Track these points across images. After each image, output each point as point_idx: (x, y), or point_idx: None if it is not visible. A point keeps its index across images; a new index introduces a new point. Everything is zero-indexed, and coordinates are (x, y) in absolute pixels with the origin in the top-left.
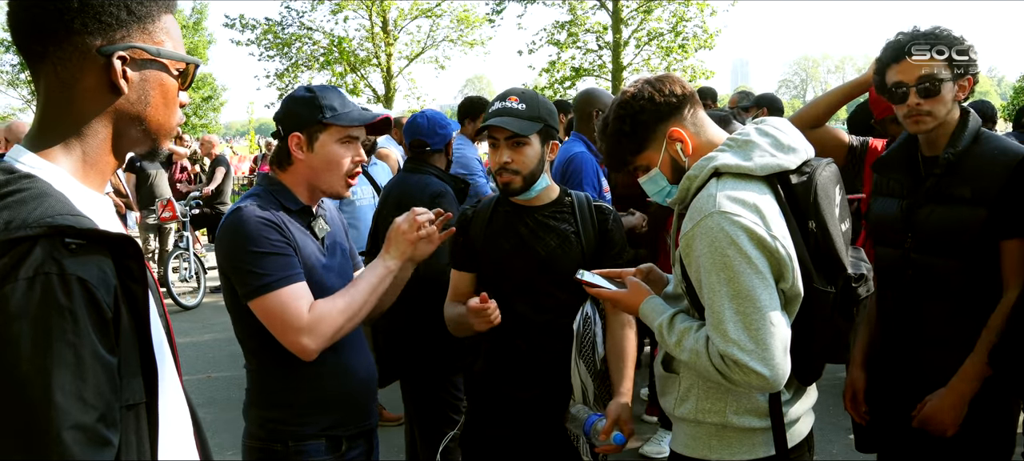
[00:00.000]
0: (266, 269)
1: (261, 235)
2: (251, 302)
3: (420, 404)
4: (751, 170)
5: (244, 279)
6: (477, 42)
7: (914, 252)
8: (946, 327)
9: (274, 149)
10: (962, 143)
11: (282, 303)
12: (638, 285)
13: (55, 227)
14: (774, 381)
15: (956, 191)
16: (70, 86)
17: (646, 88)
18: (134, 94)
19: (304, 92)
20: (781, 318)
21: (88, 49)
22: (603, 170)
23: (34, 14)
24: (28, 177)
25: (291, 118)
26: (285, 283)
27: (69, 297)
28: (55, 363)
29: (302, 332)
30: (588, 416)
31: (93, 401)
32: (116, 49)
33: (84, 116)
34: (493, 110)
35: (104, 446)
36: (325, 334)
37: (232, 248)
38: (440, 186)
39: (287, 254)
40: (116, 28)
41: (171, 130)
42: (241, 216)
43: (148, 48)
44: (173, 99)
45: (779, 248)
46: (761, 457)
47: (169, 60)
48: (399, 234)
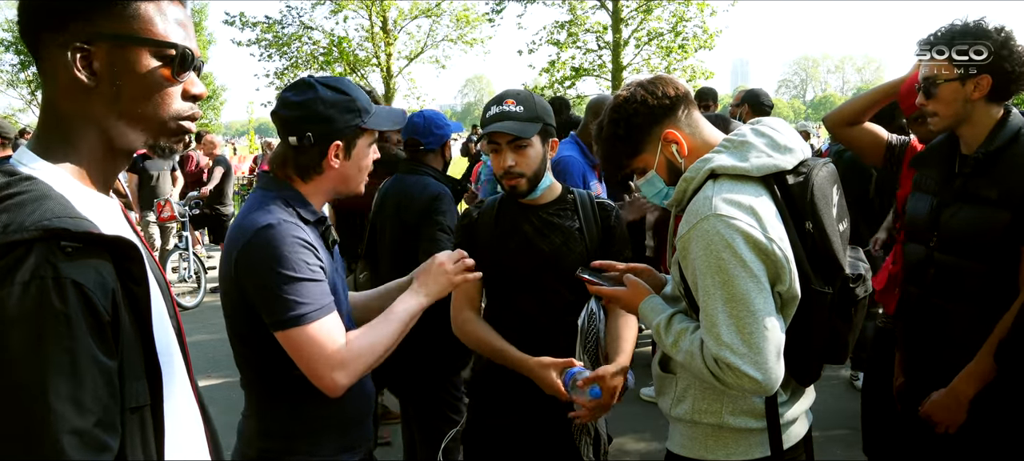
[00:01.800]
0: (302, 297)
1: (298, 258)
2: (282, 333)
3: (420, 404)
4: (747, 171)
5: (275, 306)
6: (477, 41)
7: (938, 252)
8: (968, 331)
9: (284, 154)
10: (997, 142)
11: (318, 337)
12: (638, 284)
13: (51, 230)
14: (767, 385)
15: (983, 192)
16: (52, 83)
17: (638, 91)
18: (105, 86)
19: (333, 93)
20: (775, 322)
21: (52, 44)
22: (594, 173)
23: (26, 9)
24: (28, 179)
25: (328, 123)
26: (321, 314)
27: (64, 301)
28: (51, 368)
29: (336, 368)
30: (574, 368)
31: (90, 405)
32: (72, 40)
33: (69, 114)
34: (491, 115)
35: (102, 451)
36: (357, 371)
37: (263, 269)
38: (439, 188)
39: (321, 280)
40: (75, 17)
41: (165, 121)
42: (275, 234)
43: (104, 34)
44: (157, 86)
45: (776, 250)
46: (757, 458)
47: (140, 46)
48: (440, 271)
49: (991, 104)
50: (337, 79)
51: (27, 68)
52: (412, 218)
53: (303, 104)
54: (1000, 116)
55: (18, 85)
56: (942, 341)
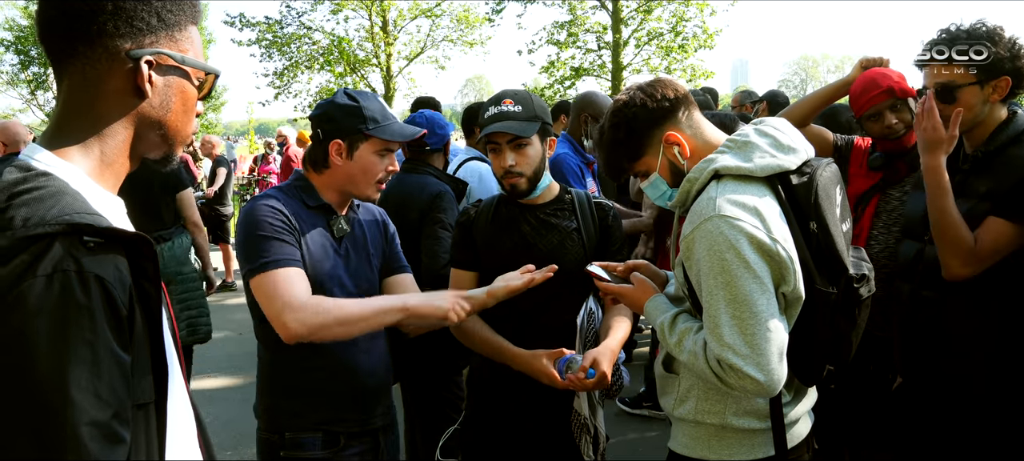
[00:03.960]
0: (265, 250)
1: (265, 220)
2: (250, 281)
3: (421, 404)
4: (751, 172)
5: (246, 260)
6: (477, 42)
7: (930, 245)
8: (961, 322)
9: (309, 148)
10: (998, 142)
11: (275, 282)
12: (644, 282)
13: (74, 225)
14: (769, 386)
15: (975, 187)
16: (95, 86)
17: (637, 94)
18: (157, 99)
19: (347, 100)
20: (778, 324)
21: (118, 51)
22: (589, 171)
23: (66, 12)
24: (45, 175)
25: (333, 124)
26: (281, 265)
27: (87, 295)
28: (72, 360)
29: (286, 309)
30: (567, 355)
31: (108, 398)
32: (145, 53)
33: (106, 117)
34: (490, 115)
35: (118, 443)
36: (309, 323)
37: (241, 233)
38: (439, 186)
39: (287, 241)
40: (146, 33)
41: (186, 137)
42: (253, 205)
43: (174, 55)
44: (192, 107)
45: (780, 251)
46: (761, 458)
47: (192, 68)
48: (446, 300)
49: (999, 104)
50: (362, 93)
51: (27, 68)
52: (413, 216)
53: (322, 106)
54: (1005, 117)
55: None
56: (936, 334)
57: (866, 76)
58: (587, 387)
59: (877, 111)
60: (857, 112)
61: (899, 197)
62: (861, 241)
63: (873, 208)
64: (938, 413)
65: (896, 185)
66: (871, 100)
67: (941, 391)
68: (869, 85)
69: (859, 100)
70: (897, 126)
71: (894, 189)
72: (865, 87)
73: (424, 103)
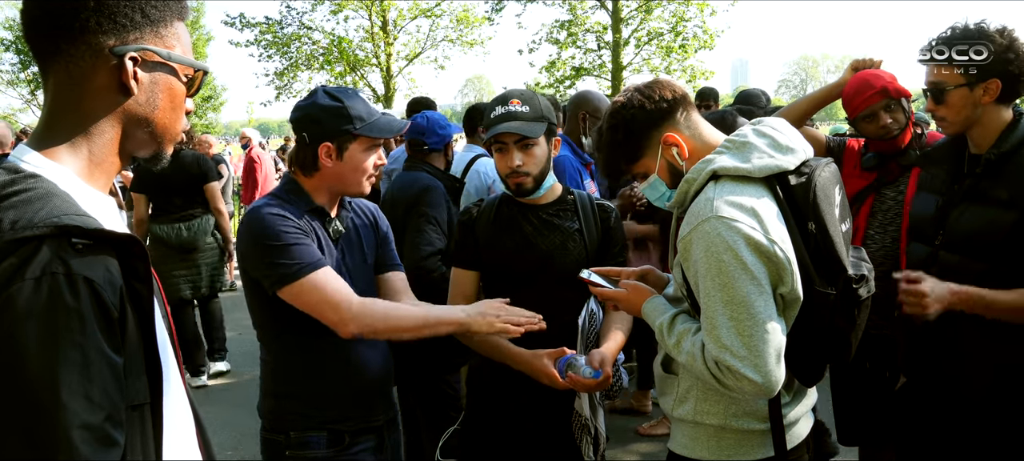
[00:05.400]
0: (293, 257)
1: (279, 227)
2: (284, 289)
3: (421, 403)
4: (749, 172)
5: (271, 270)
6: (477, 42)
7: (943, 250)
8: (971, 329)
9: (293, 152)
10: (1009, 144)
11: (320, 283)
12: (638, 286)
13: (62, 227)
14: (767, 388)
15: (992, 193)
16: (80, 84)
17: (635, 96)
18: (143, 96)
19: (329, 100)
20: (776, 325)
21: (101, 48)
22: (586, 172)
23: (49, 10)
24: (33, 176)
25: (319, 126)
26: (317, 267)
27: (76, 297)
28: (62, 363)
29: (343, 305)
30: (568, 355)
31: (100, 401)
32: (129, 50)
33: (92, 115)
34: (497, 115)
35: (111, 446)
36: (366, 323)
37: (253, 245)
38: (428, 181)
39: (308, 244)
40: (130, 29)
41: (176, 135)
42: (256, 214)
43: (159, 51)
44: (180, 104)
45: (777, 252)
46: (760, 459)
47: (179, 65)
48: (491, 309)
49: (1000, 106)
50: (342, 90)
51: (27, 68)
52: (400, 212)
53: (303, 108)
54: (1011, 119)
55: (18, 85)
56: (943, 335)
57: (859, 77)
58: (588, 388)
59: (872, 112)
60: (851, 114)
61: (894, 196)
62: (857, 241)
63: (868, 208)
64: (943, 413)
65: (890, 185)
66: (866, 101)
67: (946, 391)
68: (863, 86)
69: (853, 101)
70: (892, 126)
71: (888, 189)
72: (859, 88)
73: (419, 104)
